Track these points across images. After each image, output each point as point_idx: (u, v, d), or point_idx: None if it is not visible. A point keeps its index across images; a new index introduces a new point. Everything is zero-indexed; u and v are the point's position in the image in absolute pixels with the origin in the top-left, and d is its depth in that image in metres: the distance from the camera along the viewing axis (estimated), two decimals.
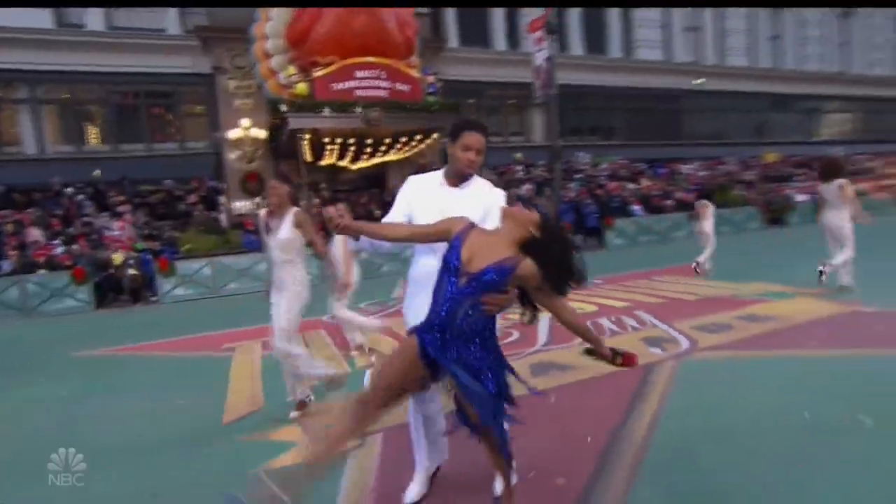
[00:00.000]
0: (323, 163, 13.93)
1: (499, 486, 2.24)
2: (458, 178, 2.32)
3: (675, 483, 2.50)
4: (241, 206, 14.20)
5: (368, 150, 13.49)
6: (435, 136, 13.47)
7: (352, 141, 12.78)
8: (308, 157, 13.13)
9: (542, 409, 3.48)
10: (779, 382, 3.70)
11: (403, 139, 13.42)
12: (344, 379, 3.84)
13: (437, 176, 2.38)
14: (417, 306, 2.26)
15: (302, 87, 11.65)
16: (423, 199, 2.34)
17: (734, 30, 23.87)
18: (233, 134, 14.33)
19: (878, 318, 5.19)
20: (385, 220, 2.32)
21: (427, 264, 2.23)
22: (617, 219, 14.77)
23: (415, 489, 2.50)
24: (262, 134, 14.43)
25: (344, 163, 14.19)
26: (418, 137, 13.51)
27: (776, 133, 25.85)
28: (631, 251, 13.59)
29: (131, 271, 9.64)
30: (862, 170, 22.28)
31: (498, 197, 2.33)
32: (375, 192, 15.32)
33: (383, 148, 13.72)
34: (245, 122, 14.21)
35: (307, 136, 11.87)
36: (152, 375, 5.14)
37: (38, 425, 3.98)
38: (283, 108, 11.40)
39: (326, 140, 12.52)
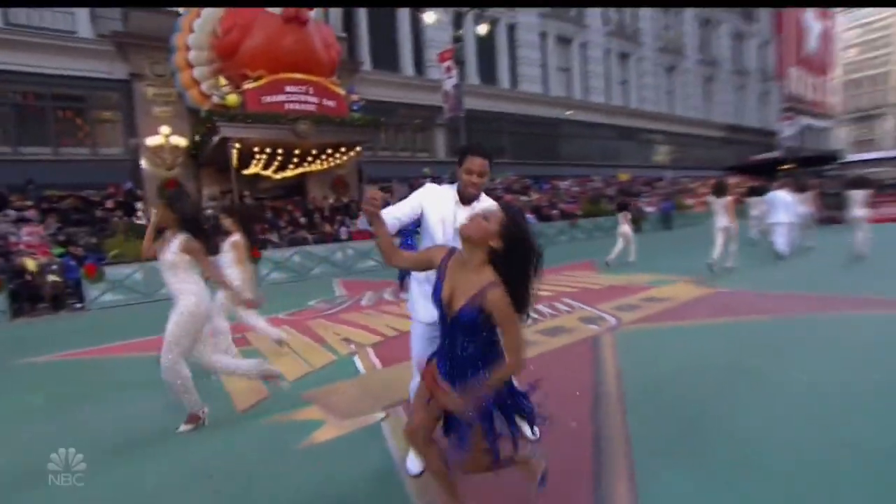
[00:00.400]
0: (247, 171, 13.17)
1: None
2: (465, 198, 2.34)
3: (651, 411, 3.07)
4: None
5: (295, 160, 13.01)
6: (358, 148, 13.40)
7: (281, 151, 12.26)
8: (234, 164, 12.35)
9: (523, 377, 3.81)
10: (685, 342, 4.48)
11: (329, 151, 13.15)
12: (277, 374, 3.62)
13: (452, 192, 2.38)
14: (422, 303, 2.44)
15: (233, 99, 10.97)
16: (436, 209, 2.36)
17: (595, 73, 26.49)
18: (152, 141, 13.00)
19: (731, 296, 6.31)
20: (389, 210, 2.28)
21: None
22: None
23: (416, 461, 2.49)
24: (182, 142, 13.27)
25: (268, 172, 13.53)
26: (343, 150, 13.33)
27: (625, 158, 29.07)
28: None
29: (52, 278, 8.36)
30: (686, 189, 25.94)
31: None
32: (299, 199, 14.77)
33: (309, 159, 13.32)
34: (165, 129, 12.98)
35: (237, 146, 11.18)
36: (122, 377, 4.64)
37: (44, 431, 3.45)
38: (216, 117, 10.64)
39: (256, 149, 11.89)
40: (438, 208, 2.35)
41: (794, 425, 2.77)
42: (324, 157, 13.39)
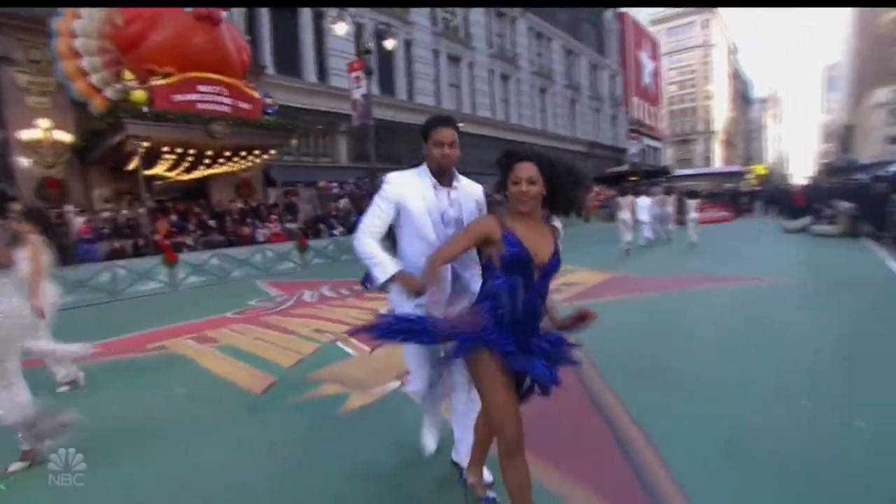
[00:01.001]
0: (150, 172, 12.02)
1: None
2: (444, 176, 2.10)
3: (622, 369, 3.84)
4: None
5: (207, 161, 12.18)
6: (272, 151, 12.99)
7: (192, 152, 11.42)
8: (133, 165, 11.23)
9: None
10: (610, 315, 5.47)
11: (243, 153, 12.55)
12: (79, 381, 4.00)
13: (423, 176, 2.10)
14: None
15: (139, 95, 10.01)
16: (418, 199, 2.06)
17: (481, 90, 28.32)
18: (27, 135, 11.22)
19: (624, 280, 7.66)
20: (366, 220, 2.07)
21: (419, 254, 2.02)
22: None
23: (432, 441, 2.57)
24: (67, 137, 11.66)
25: (173, 173, 12.47)
26: (256, 153, 12.81)
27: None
28: None
29: None
30: None
31: (481, 191, 2.25)
32: (204, 202, 13.79)
33: (221, 161, 12.55)
34: (44, 122, 11.30)
35: (145, 144, 10.23)
36: (111, 377, 4.28)
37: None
38: (121, 113, 9.64)
39: (166, 149, 10.94)
40: (420, 198, 2.06)
41: (709, 355, 3.87)
42: (236, 159, 12.73)
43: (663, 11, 70.85)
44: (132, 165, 11.30)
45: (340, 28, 14.17)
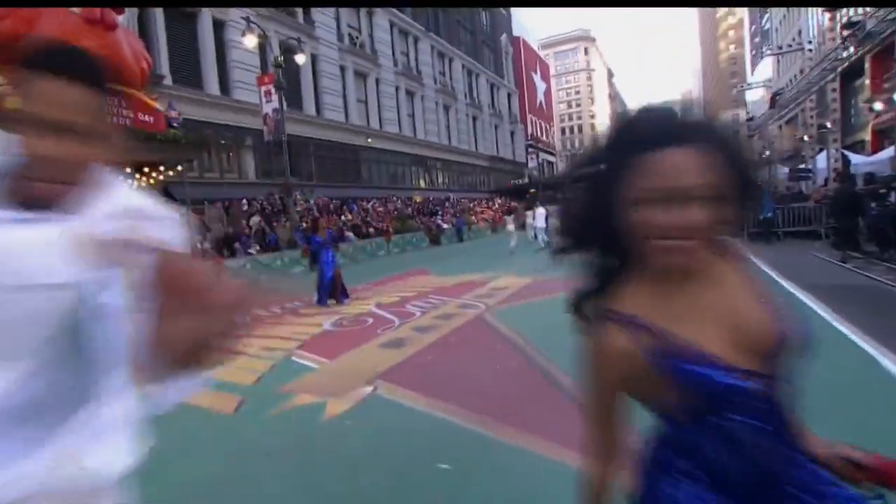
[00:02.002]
0: None
1: None
2: (47, 195, 0.76)
3: (560, 348, 4.37)
4: None
5: None
6: (180, 168, 12.15)
7: None
8: None
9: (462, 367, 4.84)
10: (543, 312, 6.06)
11: (146, 170, 11.58)
12: None
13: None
14: None
15: (16, 102, 8.86)
16: None
17: (387, 106, 28.74)
18: None
19: (545, 282, 8.42)
20: None
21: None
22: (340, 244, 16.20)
23: None
24: None
25: None
26: (161, 169, 11.89)
27: (416, 181, 32.16)
28: (353, 267, 15.20)
29: None
30: (466, 208, 30.20)
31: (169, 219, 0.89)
32: None
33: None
34: None
35: None
36: None
37: None
38: None
39: None
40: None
41: None
42: (138, 176, 11.70)
43: (550, 37, 77.74)
44: None
45: (250, 40, 13.75)
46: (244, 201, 17.26)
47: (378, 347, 5.00)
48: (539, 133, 49.51)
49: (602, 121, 76.95)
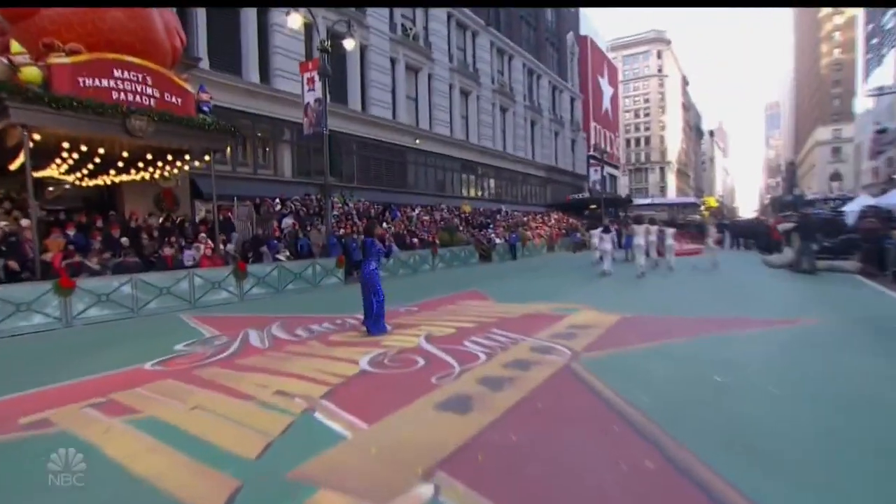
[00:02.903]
0: (42, 173, 10.21)
1: None
2: None
3: (697, 435, 3.12)
4: None
5: (120, 164, 10.51)
6: (207, 158, 11.50)
7: (102, 151, 9.76)
8: (17, 163, 9.45)
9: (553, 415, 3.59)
10: (654, 363, 4.80)
11: (169, 157, 10.99)
12: None
13: None
14: None
15: (32, 73, 8.37)
16: None
17: (439, 105, 27.90)
18: None
19: (642, 321, 6.98)
20: None
21: None
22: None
23: None
24: None
25: (72, 177, 10.69)
26: (186, 157, 11.27)
27: (465, 189, 31.08)
28: (394, 282, 14.12)
29: None
30: (522, 222, 28.75)
31: None
32: (114, 214, 11.95)
33: (140, 164, 10.92)
34: None
35: (36, 137, 8.56)
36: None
37: None
38: (3, 94, 7.97)
39: (66, 145, 9.25)
40: None
41: (785, 412, 3.12)
42: (160, 164, 11.14)
43: (620, 38, 75.59)
44: (16, 164, 9.50)
45: (294, 21, 13.10)
46: (277, 201, 16.62)
47: (435, 409, 3.74)
48: (603, 142, 47.58)
49: (673, 133, 73.81)
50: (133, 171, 11.26)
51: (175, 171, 12.56)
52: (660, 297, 9.39)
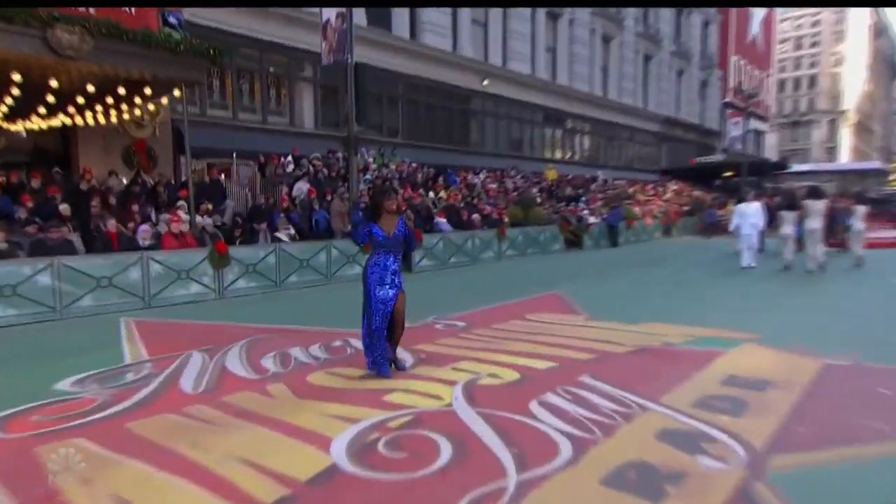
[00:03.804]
0: None
1: None
2: None
3: None
4: None
5: (49, 99, 9.53)
6: (176, 92, 10.31)
7: (18, 79, 8.76)
8: None
9: None
10: None
11: (122, 92, 9.87)
12: None
13: None
14: None
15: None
16: None
17: (518, 33, 25.75)
18: None
19: (870, 374, 4.78)
20: None
21: None
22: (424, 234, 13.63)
23: None
24: None
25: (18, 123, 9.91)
26: (146, 93, 10.13)
27: (548, 149, 28.97)
28: (441, 276, 12.51)
29: None
30: (626, 194, 26.22)
31: None
32: (58, 172, 11.20)
33: (80, 101, 9.91)
34: None
35: None
36: None
37: None
38: None
39: None
40: None
41: None
42: (108, 98, 10.07)
43: None
44: None
45: None
46: (289, 159, 15.45)
47: None
48: (746, 84, 43.39)
49: (854, 70, 65.47)
50: (75, 111, 10.26)
51: (146, 114, 11.56)
52: (872, 315, 7.08)
